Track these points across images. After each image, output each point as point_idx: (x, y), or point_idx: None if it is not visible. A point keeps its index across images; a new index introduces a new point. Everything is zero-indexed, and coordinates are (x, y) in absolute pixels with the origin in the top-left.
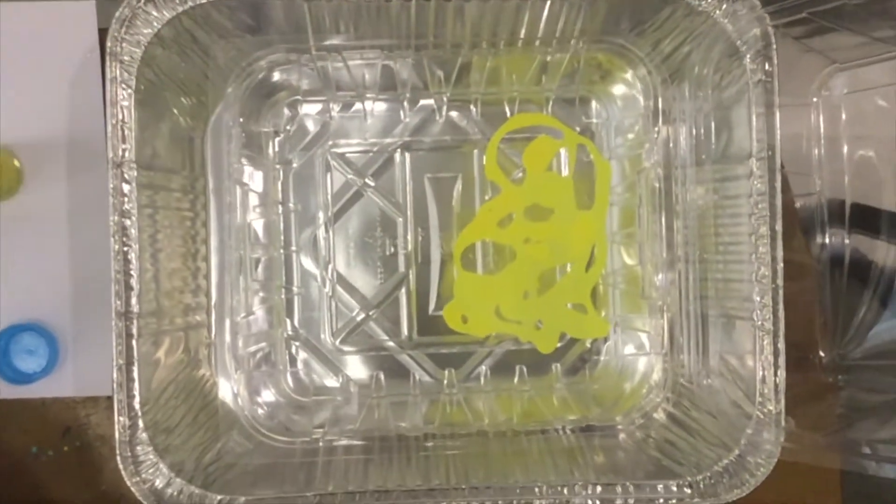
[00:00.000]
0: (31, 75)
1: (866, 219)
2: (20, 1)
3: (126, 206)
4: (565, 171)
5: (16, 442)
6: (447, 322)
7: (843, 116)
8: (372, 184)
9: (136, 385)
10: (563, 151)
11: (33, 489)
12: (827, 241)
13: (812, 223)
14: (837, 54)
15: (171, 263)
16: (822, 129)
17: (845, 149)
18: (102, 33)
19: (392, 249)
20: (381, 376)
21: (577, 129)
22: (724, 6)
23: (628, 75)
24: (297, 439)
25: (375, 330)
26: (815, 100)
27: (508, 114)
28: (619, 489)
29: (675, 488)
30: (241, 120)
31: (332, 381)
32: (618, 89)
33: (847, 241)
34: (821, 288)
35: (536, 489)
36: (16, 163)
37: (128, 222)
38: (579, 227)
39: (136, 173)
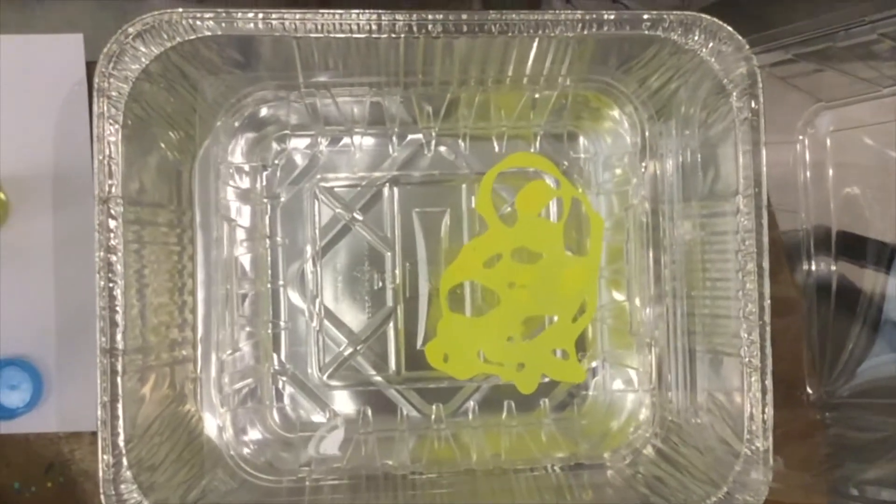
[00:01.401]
0: (17, 108)
1: (852, 246)
2: (7, 34)
3: (112, 242)
4: (555, 215)
5: None
6: (428, 360)
7: (829, 153)
8: (360, 218)
9: (121, 422)
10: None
11: None
12: (813, 268)
13: (798, 251)
14: (823, 93)
15: (157, 298)
16: (808, 166)
17: (831, 185)
18: (90, 66)
19: (380, 284)
20: (369, 411)
21: (566, 163)
22: (711, 45)
23: (615, 112)
24: (283, 478)
25: (363, 364)
26: (800, 137)
27: (497, 149)
28: None
29: None
30: (230, 154)
31: (318, 417)
32: (605, 125)
33: (834, 268)
34: (808, 320)
35: None
36: (2, 196)
37: (113, 258)
38: (568, 277)
39: (122, 209)
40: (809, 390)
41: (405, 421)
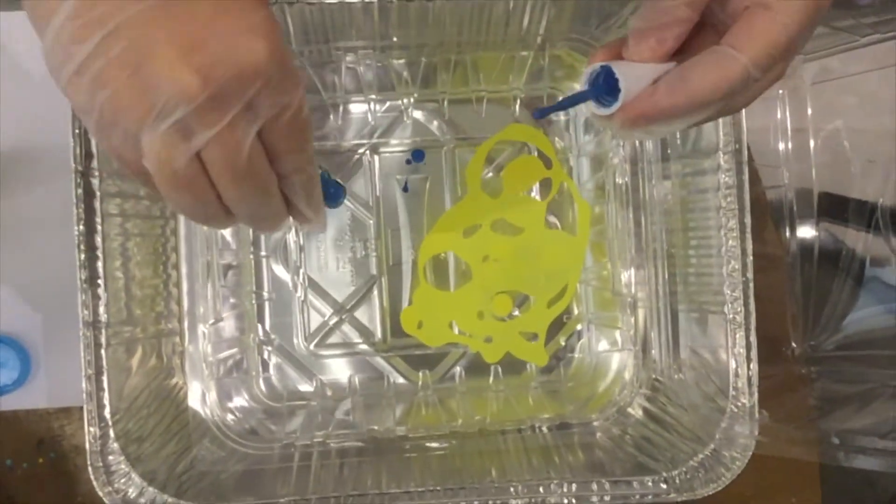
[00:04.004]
0: None
1: (835, 207)
2: None
3: (91, 216)
4: (537, 191)
5: None
6: (402, 325)
7: (810, 107)
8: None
9: (106, 394)
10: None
11: (9, 501)
12: (797, 230)
13: (781, 214)
14: None
15: (142, 271)
16: (788, 121)
17: (812, 139)
18: None
19: (363, 252)
20: (356, 379)
21: (546, 126)
22: None
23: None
24: (272, 445)
25: (348, 333)
26: (780, 91)
27: (477, 113)
28: (594, 486)
29: (650, 484)
30: None
31: (305, 386)
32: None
33: (816, 230)
34: (792, 279)
35: (512, 489)
36: None
37: (93, 231)
38: (549, 256)
39: (100, 182)
40: (794, 345)
41: (392, 388)
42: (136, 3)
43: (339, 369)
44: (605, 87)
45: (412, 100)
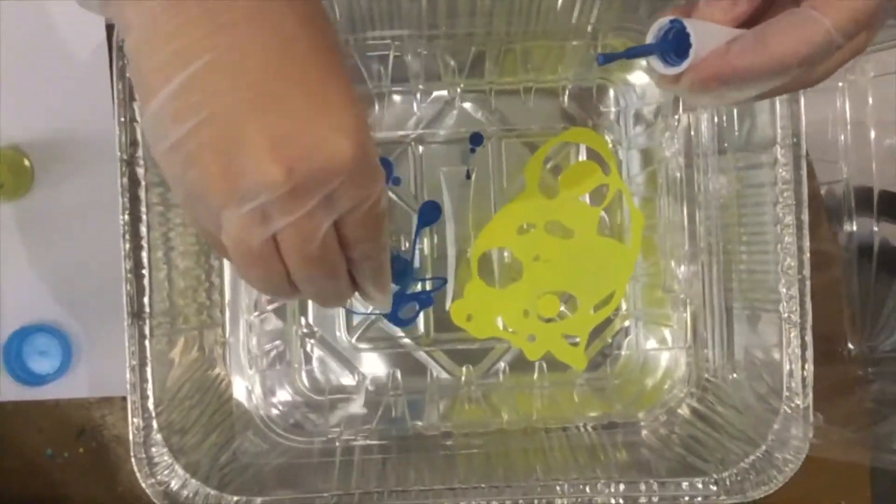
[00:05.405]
0: (39, 73)
1: (894, 203)
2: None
3: (136, 205)
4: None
5: (31, 444)
6: (452, 317)
7: (870, 101)
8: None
9: (150, 386)
10: None
11: (49, 491)
12: (854, 229)
13: (839, 211)
14: None
15: (184, 261)
16: (848, 115)
17: (872, 134)
18: (110, 28)
19: (407, 245)
20: (398, 374)
21: (595, 118)
22: None
23: (645, 62)
24: (314, 439)
25: (391, 326)
26: (840, 84)
27: (525, 104)
28: (642, 486)
29: (700, 485)
30: None
31: (348, 380)
32: (636, 77)
33: (876, 228)
34: (848, 278)
35: (558, 487)
36: (26, 162)
37: (138, 221)
38: (599, 262)
39: (145, 171)
40: (850, 346)
41: (435, 382)
42: (231, 95)
43: (382, 363)
44: (673, 45)
45: (459, 90)
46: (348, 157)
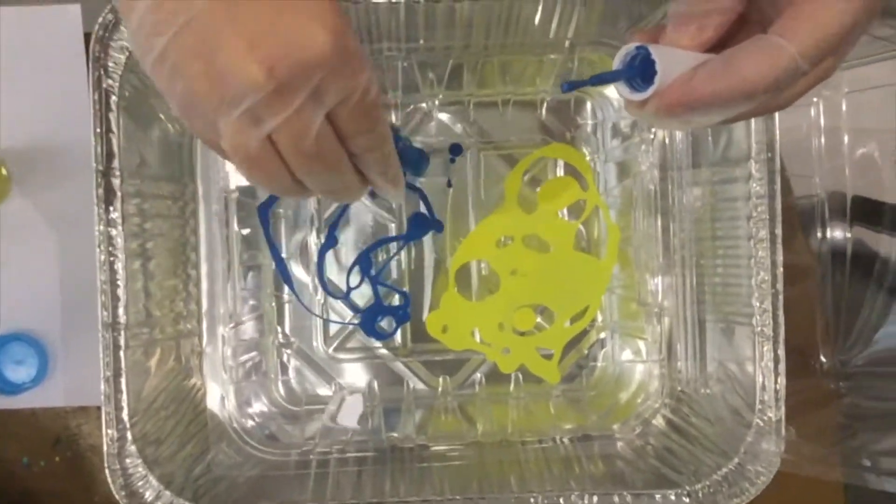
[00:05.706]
0: (17, 81)
1: (868, 212)
2: (5, 6)
3: (112, 216)
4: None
5: (7, 452)
6: (427, 328)
7: (844, 115)
8: None
9: (125, 396)
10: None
11: (25, 499)
12: (828, 234)
13: (811, 218)
14: None
15: (161, 272)
16: (822, 129)
17: (846, 148)
18: (88, 37)
19: (385, 256)
20: (375, 384)
21: (572, 131)
22: None
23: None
24: (290, 451)
25: (369, 337)
26: (815, 99)
27: (502, 116)
28: (616, 498)
29: (673, 497)
30: None
31: (324, 390)
32: (613, 91)
33: (849, 234)
34: (822, 290)
35: (532, 499)
36: (3, 171)
37: (114, 232)
38: (575, 276)
39: (121, 182)
40: (823, 359)
41: (412, 393)
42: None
43: (359, 374)
44: (639, 71)
45: (437, 102)
46: (327, 47)
